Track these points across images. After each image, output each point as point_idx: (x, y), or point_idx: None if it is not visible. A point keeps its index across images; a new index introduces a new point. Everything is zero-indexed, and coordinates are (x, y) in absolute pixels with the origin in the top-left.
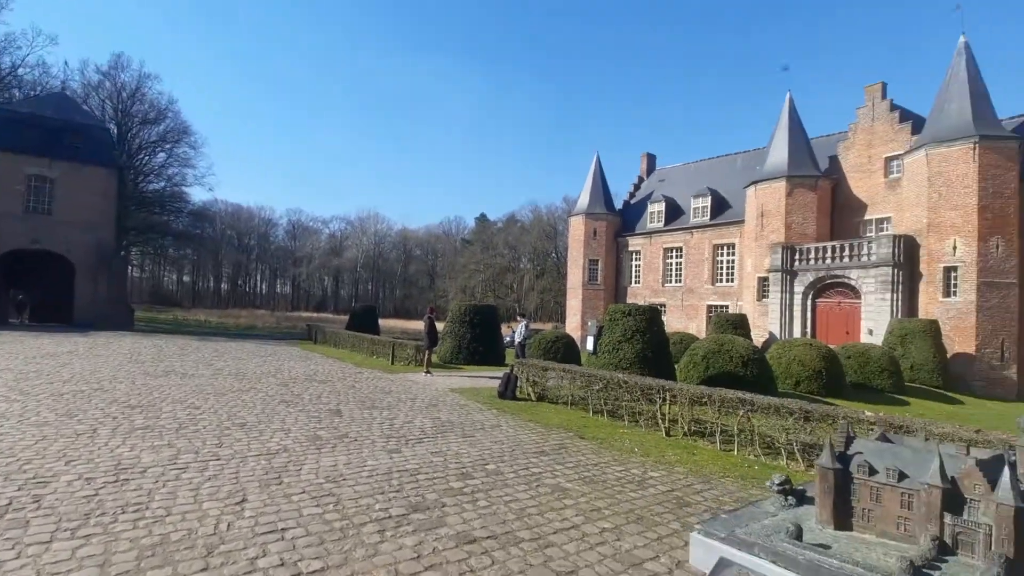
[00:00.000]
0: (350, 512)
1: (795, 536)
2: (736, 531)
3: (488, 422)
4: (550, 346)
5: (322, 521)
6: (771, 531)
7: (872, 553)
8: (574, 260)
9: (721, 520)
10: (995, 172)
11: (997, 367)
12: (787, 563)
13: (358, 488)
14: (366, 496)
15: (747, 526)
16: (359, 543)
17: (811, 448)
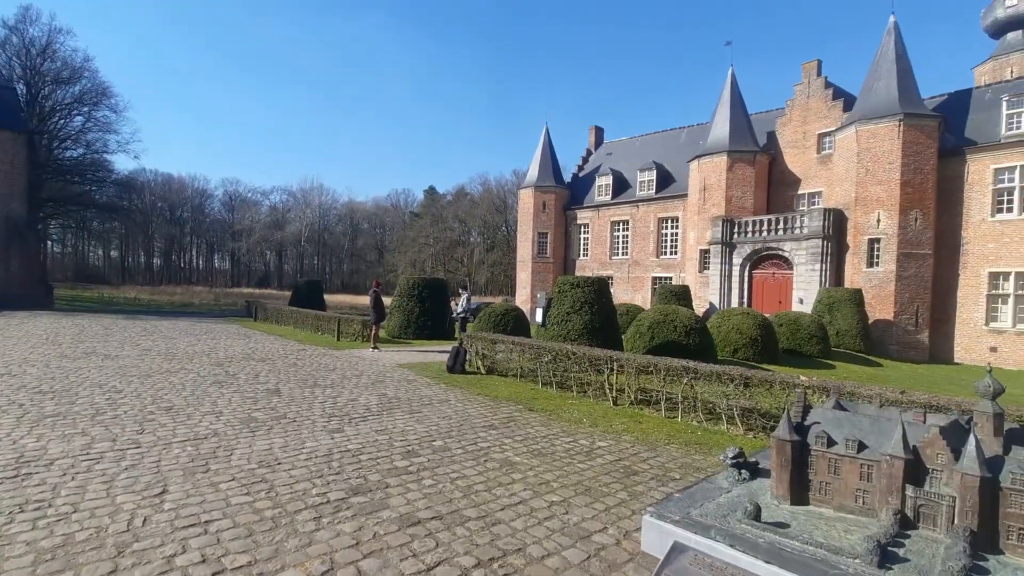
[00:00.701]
0: (284, 499)
1: (753, 516)
2: (691, 513)
3: (436, 397)
4: (500, 319)
5: (252, 510)
6: (727, 511)
7: (832, 530)
8: (523, 233)
9: (675, 501)
10: (916, 148)
11: (912, 332)
12: (746, 547)
13: (294, 472)
14: (303, 481)
15: (702, 506)
16: (292, 532)
17: (750, 412)
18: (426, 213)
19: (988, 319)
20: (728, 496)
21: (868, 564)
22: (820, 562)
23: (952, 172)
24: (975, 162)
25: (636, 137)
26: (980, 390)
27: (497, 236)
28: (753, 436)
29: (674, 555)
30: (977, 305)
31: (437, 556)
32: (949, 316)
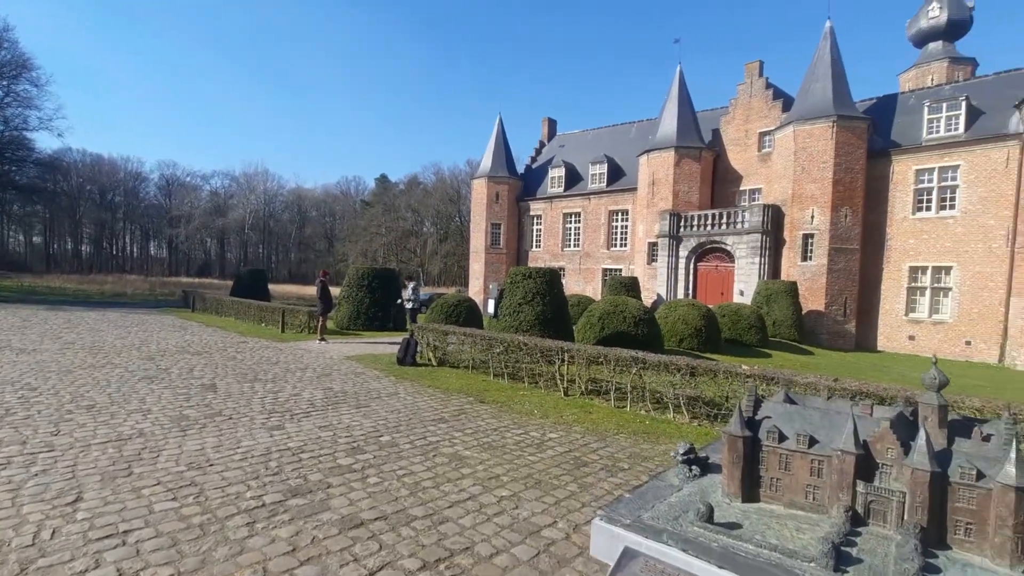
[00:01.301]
0: (214, 504)
1: (706, 518)
2: (642, 516)
3: (385, 390)
4: (452, 310)
5: (178, 517)
6: (679, 512)
7: (784, 529)
8: (477, 224)
9: (625, 502)
10: (848, 149)
11: (840, 322)
12: (699, 551)
13: (227, 474)
14: (236, 483)
15: (653, 507)
16: (222, 540)
17: (695, 401)
18: (378, 202)
19: (908, 310)
20: (679, 495)
21: (824, 568)
22: (775, 566)
23: (879, 172)
24: (899, 163)
25: (588, 130)
26: (926, 382)
27: (451, 226)
28: (698, 424)
29: (624, 561)
30: (898, 297)
31: (380, 560)
32: (873, 307)
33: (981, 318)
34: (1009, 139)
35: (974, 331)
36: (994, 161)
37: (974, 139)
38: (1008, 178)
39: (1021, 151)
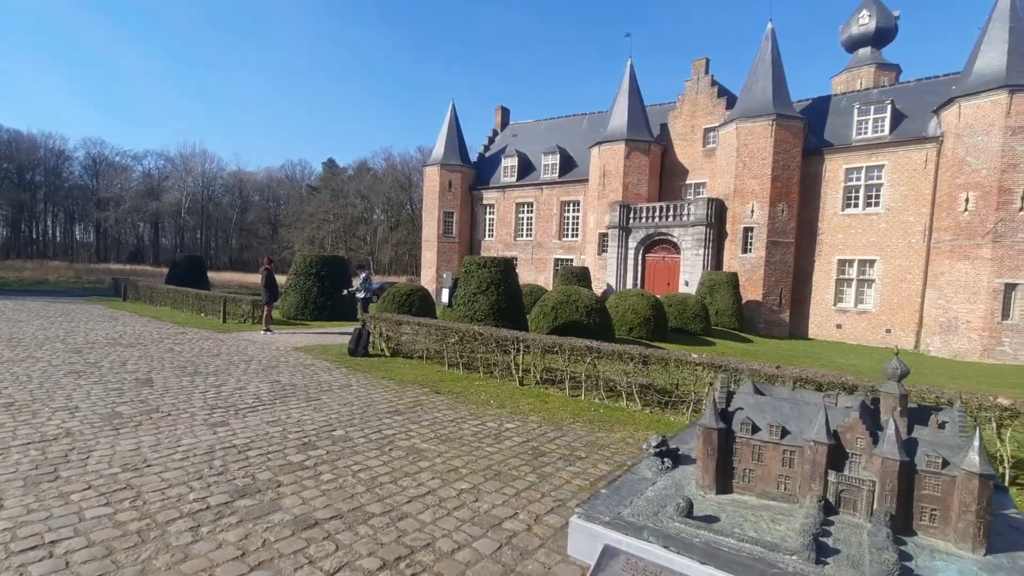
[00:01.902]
0: (154, 508)
1: (685, 512)
2: (622, 512)
3: (337, 382)
4: (404, 299)
5: (112, 524)
6: (657, 507)
7: (760, 521)
8: (429, 212)
9: (602, 498)
10: (785, 147)
11: (776, 311)
12: (681, 547)
13: (167, 475)
14: (178, 484)
15: (631, 503)
16: (163, 547)
17: (647, 389)
18: (325, 187)
19: (836, 300)
20: (655, 489)
21: (806, 560)
22: (758, 561)
23: (813, 169)
24: (831, 161)
25: (541, 120)
26: (888, 372)
27: (402, 214)
28: (650, 411)
29: (605, 560)
30: (828, 288)
31: (337, 561)
32: (806, 297)
33: (900, 308)
34: (928, 142)
35: (894, 320)
36: (915, 162)
37: (898, 141)
38: (926, 178)
39: (938, 153)
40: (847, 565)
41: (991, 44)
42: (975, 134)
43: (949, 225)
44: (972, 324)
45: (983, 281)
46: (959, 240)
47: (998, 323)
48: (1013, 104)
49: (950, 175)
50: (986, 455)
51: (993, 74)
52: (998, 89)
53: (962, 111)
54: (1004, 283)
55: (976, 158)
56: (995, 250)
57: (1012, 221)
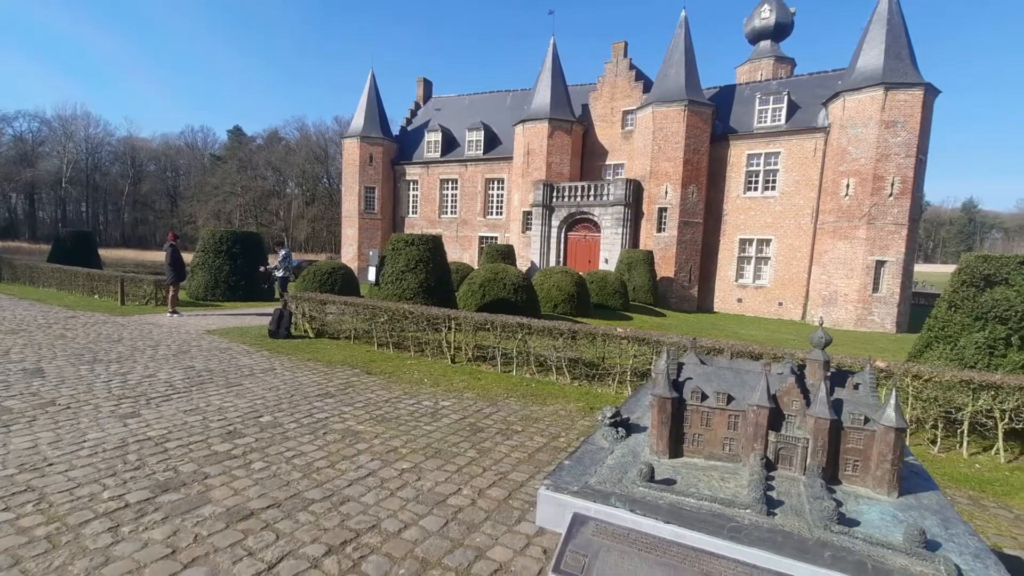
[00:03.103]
0: (62, 510)
1: (648, 477)
2: (589, 481)
3: (259, 366)
4: (326, 278)
5: (16, 530)
6: (620, 474)
7: (712, 480)
8: (349, 187)
9: (567, 469)
10: (696, 132)
11: (686, 287)
12: (647, 510)
13: (74, 474)
14: (88, 483)
15: (595, 472)
16: (79, 551)
17: (575, 363)
18: (232, 157)
19: (737, 276)
20: (614, 457)
21: (759, 513)
22: (717, 516)
23: (719, 154)
24: (735, 147)
25: (465, 95)
26: (814, 341)
27: (318, 188)
28: (579, 384)
29: (575, 528)
30: (730, 265)
31: (279, 551)
32: (712, 274)
33: (791, 283)
34: (817, 132)
35: (785, 294)
36: (806, 150)
37: (792, 130)
38: (815, 165)
39: (825, 142)
40: (792, 514)
41: (871, 44)
42: (856, 126)
43: (832, 208)
44: (849, 297)
45: (859, 259)
46: (840, 222)
47: (870, 295)
48: (888, 100)
49: (834, 163)
50: (901, 411)
51: (872, 71)
52: (876, 86)
53: (846, 104)
54: (875, 260)
55: (856, 148)
56: (869, 231)
57: (883, 205)
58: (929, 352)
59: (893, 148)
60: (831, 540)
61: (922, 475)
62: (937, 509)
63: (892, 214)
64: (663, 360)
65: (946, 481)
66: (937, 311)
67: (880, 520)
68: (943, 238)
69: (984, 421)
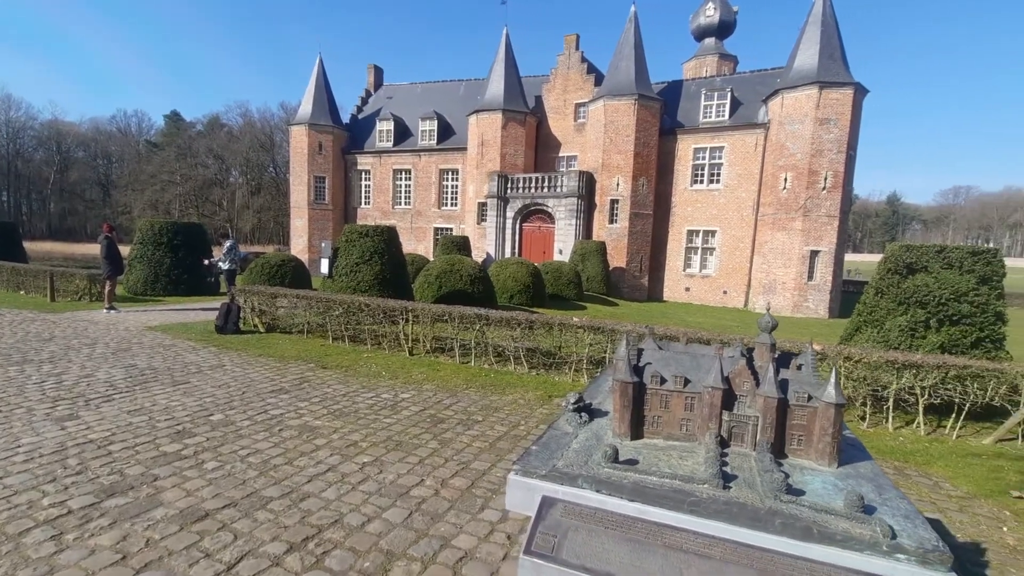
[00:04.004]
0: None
1: (612, 458)
2: (557, 464)
3: (207, 363)
4: (276, 270)
5: None
6: (586, 457)
7: (671, 459)
8: (298, 176)
9: (534, 454)
10: (646, 126)
11: (637, 277)
12: (613, 489)
13: (9, 481)
14: (26, 490)
15: (562, 456)
16: (21, 561)
17: (532, 352)
18: (169, 144)
19: (685, 266)
20: (579, 441)
21: (716, 487)
22: (678, 492)
23: (667, 148)
24: (682, 141)
25: (417, 84)
26: (762, 325)
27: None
28: (536, 373)
29: (545, 510)
30: (679, 256)
31: (237, 551)
32: (661, 264)
33: (735, 272)
34: (758, 127)
35: (729, 283)
36: (748, 145)
37: (735, 125)
38: (756, 159)
39: (765, 138)
40: (745, 486)
41: (807, 44)
42: (793, 122)
43: (772, 201)
44: (787, 285)
45: (795, 249)
46: (779, 214)
47: (805, 283)
48: (822, 98)
49: (774, 157)
50: (841, 389)
51: (808, 70)
52: (811, 84)
53: (784, 101)
54: (810, 250)
55: (793, 143)
56: (805, 223)
57: (817, 198)
58: (858, 335)
59: (826, 144)
60: (781, 509)
61: (858, 447)
62: (872, 477)
63: (825, 206)
64: (623, 347)
65: (874, 454)
66: (865, 297)
67: (823, 489)
68: (870, 229)
69: (907, 398)
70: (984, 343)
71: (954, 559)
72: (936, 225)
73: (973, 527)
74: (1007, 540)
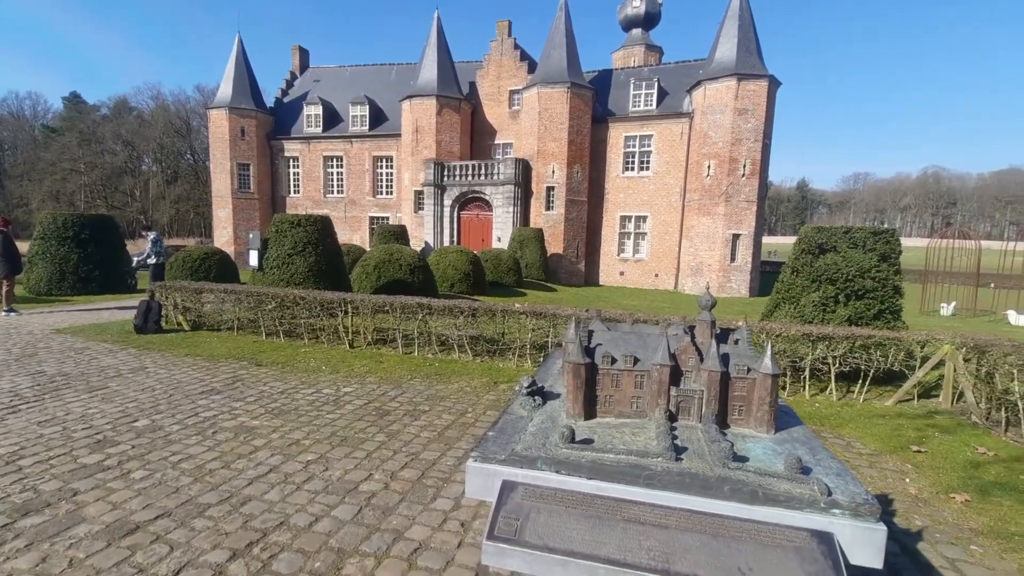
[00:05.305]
0: None
1: (569, 439)
2: (516, 448)
3: (126, 366)
4: (199, 264)
5: None
6: (543, 439)
7: (624, 436)
8: (219, 163)
9: (491, 440)
10: (578, 114)
11: (574, 262)
12: (571, 469)
13: None
14: None
15: (519, 439)
16: None
17: (476, 340)
18: (70, 129)
19: (619, 251)
20: (535, 424)
21: (669, 460)
22: (634, 467)
23: (600, 136)
24: (614, 129)
25: (346, 67)
26: (702, 303)
27: (181, 165)
28: (481, 360)
29: (505, 494)
30: (613, 241)
31: (175, 563)
32: (596, 249)
33: (665, 256)
34: (683, 117)
35: (660, 266)
36: (674, 133)
37: (662, 114)
38: (682, 147)
39: (690, 127)
40: (696, 457)
41: (726, 37)
42: (715, 112)
43: (697, 187)
44: (712, 267)
45: (719, 232)
46: (704, 200)
47: (728, 265)
48: (740, 89)
49: (698, 145)
50: (775, 360)
51: (727, 63)
52: (730, 76)
53: (706, 92)
54: (732, 234)
55: (715, 132)
56: (727, 208)
57: (738, 185)
58: (778, 312)
59: (745, 133)
60: (729, 476)
61: (790, 413)
62: (805, 440)
63: (745, 192)
64: (572, 329)
65: None
66: (783, 276)
67: (764, 454)
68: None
69: (820, 367)
70: (885, 315)
71: (881, 510)
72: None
73: (881, 480)
74: (909, 490)
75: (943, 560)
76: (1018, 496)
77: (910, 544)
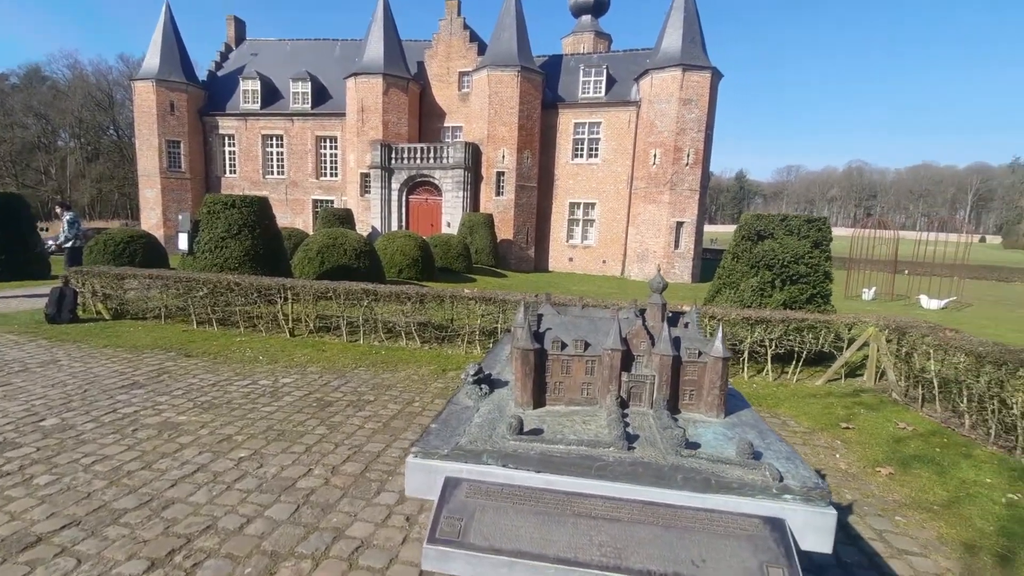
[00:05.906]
0: None
1: (518, 430)
2: (459, 442)
3: (35, 359)
4: (123, 248)
5: None
6: (490, 431)
7: (575, 425)
8: (146, 140)
9: (434, 433)
10: (529, 98)
11: (524, 248)
12: (519, 462)
13: None
14: None
15: (464, 432)
16: None
17: (424, 326)
18: None
19: (568, 237)
20: (481, 414)
21: (620, 449)
22: (585, 458)
23: (550, 122)
24: (563, 115)
25: (286, 40)
26: (653, 286)
27: (103, 141)
28: (429, 348)
29: (449, 492)
30: (562, 227)
31: None
32: (546, 235)
33: (612, 242)
34: (631, 105)
35: (608, 253)
36: (622, 121)
37: (610, 102)
38: (630, 135)
39: (637, 115)
40: (648, 445)
41: (672, 28)
42: (660, 102)
43: (643, 175)
44: (657, 253)
45: (664, 220)
46: (650, 188)
47: (672, 252)
48: (685, 79)
49: (644, 134)
50: (726, 343)
51: (672, 53)
52: (675, 66)
53: (653, 81)
54: (676, 221)
55: (661, 122)
56: (671, 196)
57: (682, 173)
58: (719, 297)
59: (689, 123)
60: (682, 464)
61: (737, 397)
62: (753, 424)
63: (688, 181)
64: (521, 313)
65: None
66: (724, 262)
67: (715, 440)
68: (722, 203)
69: (758, 349)
70: (816, 299)
71: (831, 494)
72: (774, 199)
73: (814, 457)
74: (840, 465)
75: (872, 532)
76: (935, 468)
77: (842, 517)
